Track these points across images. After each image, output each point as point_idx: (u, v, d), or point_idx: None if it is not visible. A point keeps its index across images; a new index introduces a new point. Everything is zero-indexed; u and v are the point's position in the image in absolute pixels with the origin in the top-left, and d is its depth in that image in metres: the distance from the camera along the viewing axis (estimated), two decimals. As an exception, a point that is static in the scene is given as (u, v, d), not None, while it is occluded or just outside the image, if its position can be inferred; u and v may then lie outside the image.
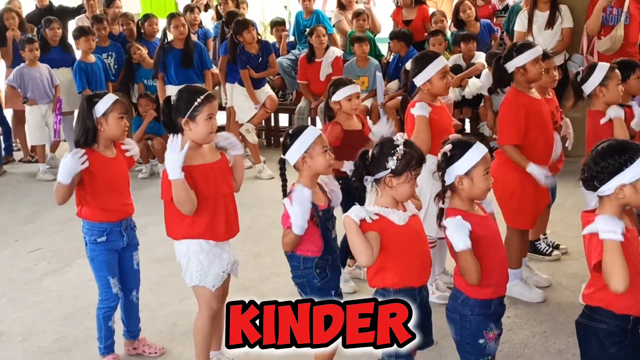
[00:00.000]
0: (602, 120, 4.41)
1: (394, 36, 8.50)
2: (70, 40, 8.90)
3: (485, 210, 3.16)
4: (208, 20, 11.42)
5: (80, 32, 8.33)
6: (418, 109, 4.38)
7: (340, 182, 4.27)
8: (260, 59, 7.97)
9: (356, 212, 2.95)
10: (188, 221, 3.57)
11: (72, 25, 9.72)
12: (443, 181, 3.05)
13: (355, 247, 2.93)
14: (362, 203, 4.72)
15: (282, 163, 3.47)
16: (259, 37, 8.11)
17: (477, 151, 3.03)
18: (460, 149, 3.03)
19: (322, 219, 3.35)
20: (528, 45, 4.50)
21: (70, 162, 3.69)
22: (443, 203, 3.08)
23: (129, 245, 4.04)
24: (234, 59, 7.98)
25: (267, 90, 8.20)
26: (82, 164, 3.72)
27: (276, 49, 9.26)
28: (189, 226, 3.59)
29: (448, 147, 3.04)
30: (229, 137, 3.78)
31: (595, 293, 2.86)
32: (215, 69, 8.68)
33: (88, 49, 8.32)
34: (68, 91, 8.74)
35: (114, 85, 8.67)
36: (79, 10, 10.19)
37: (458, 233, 2.90)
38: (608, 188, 2.77)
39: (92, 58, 8.38)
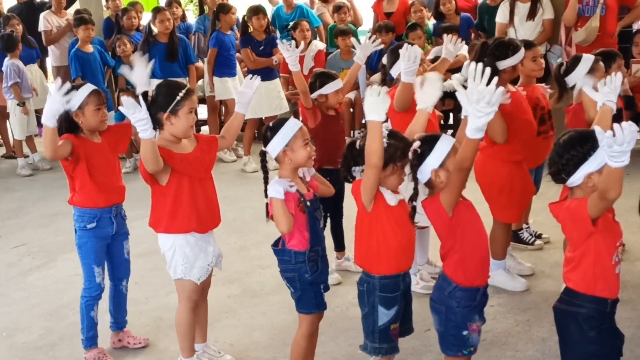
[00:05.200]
0: (575, 94, 4.41)
1: (387, 29, 8.35)
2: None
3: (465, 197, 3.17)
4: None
5: (80, 21, 8.33)
6: (402, 77, 4.33)
7: (328, 178, 4.28)
8: (263, 47, 8.01)
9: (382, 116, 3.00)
10: (170, 213, 3.58)
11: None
12: (416, 179, 3.06)
13: (375, 146, 2.96)
14: (340, 203, 4.81)
15: (263, 155, 3.46)
16: (269, 30, 8.15)
17: (446, 141, 3.05)
18: (429, 143, 3.04)
19: (309, 209, 3.37)
20: (515, 49, 4.47)
21: (54, 100, 3.63)
22: (415, 200, 3.08)
23: (118, 233, 4.04)
24: (241, 36, 8.08)
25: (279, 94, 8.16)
26: (67, 102, 3.67)
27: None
28: (172, 219, 3.59)
29: (417, 144, 3.05)
30: (245, 98, 3.79)
31: (570, 272, 2.90)
32: (198, 63, 8.69)
33: (87, 37, 8.34)
34: (38, 88, 8.74)
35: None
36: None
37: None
38: (576, 179, 2.81)
39: (90, 48, 8.41)
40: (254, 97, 3.59)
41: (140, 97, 3.36)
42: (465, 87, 2.83)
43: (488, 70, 2.82)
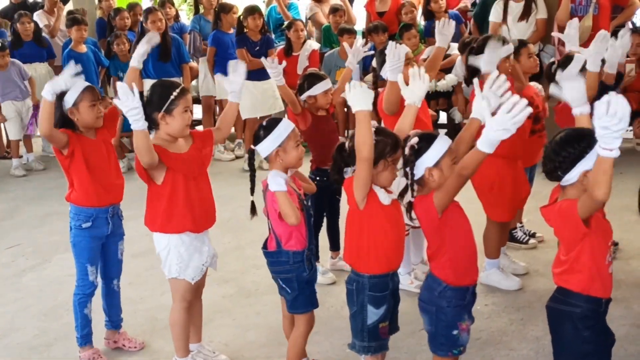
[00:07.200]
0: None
1: (383, 30, 8.34)
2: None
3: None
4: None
5: (73, 22, 8.33)
6: (387, 75, 4.30)
7: (318, 179, 4.31)
8: (258, 48, 7.99)
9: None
10: (165, 213, 3.59)
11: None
12: (412, 174, 3.05)
13: (364, 138, 2.96)
14: (337, 203, 4.81)
15: (252, 154, 3.48)
16: (264, 30, 8.15)
17: (443, 141, 3.06)
18: (427, 140, 3.05)
19: (306, 206, 3.39)
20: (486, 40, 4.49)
21: (60, 76, 3.68)
22: (412, 197, 3.08)
23: (113, 233, 4.03)
24: (236, 36, 8.09)
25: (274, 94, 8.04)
26: (70, 81, 3.70)
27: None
28: (167, 219, 3.60)
29: (415, 139, 3.05)
30: (236, 86, 3.87)
31: (564, 274, 2.90)
32: (192, 63, 8.68)
33: (79, 38, 8.34)
34: (41, 86, 8.70)
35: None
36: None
37: None
38: (572, 176, 2.81)
39: (84, 48, 8.40)
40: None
41: (134, 88, 3.31)
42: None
43: (503, 77, 2.92)
